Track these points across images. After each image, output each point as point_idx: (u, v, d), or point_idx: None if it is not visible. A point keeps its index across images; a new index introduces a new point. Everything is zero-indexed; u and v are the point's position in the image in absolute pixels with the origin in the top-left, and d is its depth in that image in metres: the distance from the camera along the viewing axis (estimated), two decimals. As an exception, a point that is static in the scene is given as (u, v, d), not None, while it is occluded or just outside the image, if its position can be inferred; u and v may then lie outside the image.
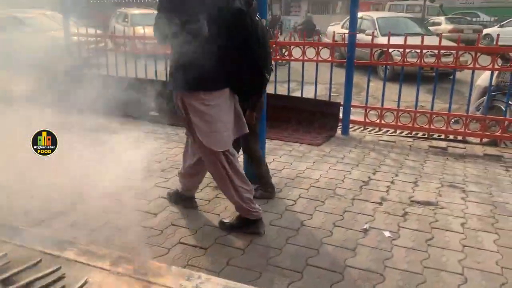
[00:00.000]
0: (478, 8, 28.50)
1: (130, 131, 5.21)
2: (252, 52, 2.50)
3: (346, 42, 5.11)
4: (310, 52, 5.39)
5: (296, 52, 5.41)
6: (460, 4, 30.67)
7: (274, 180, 3.72)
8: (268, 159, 4.21)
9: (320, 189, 3.55)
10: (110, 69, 6.53)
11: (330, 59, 5.34)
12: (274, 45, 5.59)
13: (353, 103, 5.44)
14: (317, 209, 3.16)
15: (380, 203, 3.31)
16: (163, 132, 5.27)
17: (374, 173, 3.97)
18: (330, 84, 5.52)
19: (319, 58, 5.30)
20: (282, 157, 4.39)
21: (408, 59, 5.03)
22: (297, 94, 5.83)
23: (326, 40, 12.92)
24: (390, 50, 5.49)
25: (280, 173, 3.91)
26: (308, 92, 7.20)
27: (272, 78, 5.45)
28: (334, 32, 13.28)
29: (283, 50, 6.05)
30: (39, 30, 11.57)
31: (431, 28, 15.97)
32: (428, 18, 22.34)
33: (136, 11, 16.05)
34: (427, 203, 3.32)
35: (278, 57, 5.64)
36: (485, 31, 19.81)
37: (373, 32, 5.91)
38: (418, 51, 4.88)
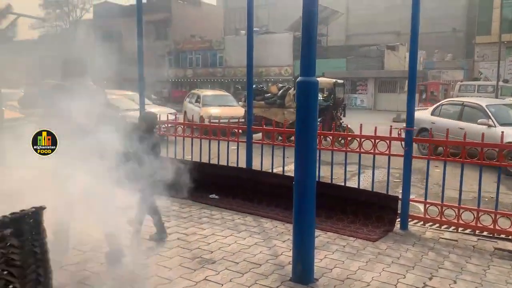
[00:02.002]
0: (556, 87, 27.09)
1: (187, 214, 5.44)
2: None
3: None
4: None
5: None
6: (537, 83, 29.40)
7: (323, 280, 3.69)
8: (320, 255, 4.18)
9: (370, 295, 3.44)
10: (178, 151, 6.94)
11: (387, 152, 5.34)
12: (330, 137, 5.73)
13: (415, 192, 5.27)
14: (364, 319, 3.06)
15: (434, 316, 3.13)
16: (219, 217, 5.42)
17: (430, 278, 3.78)
18: (388, 176, 5.47)
19: (376, 151, 5.33)
20: (335, 254, 4.33)
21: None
22: (355, 178, 5.81)
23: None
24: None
25: (331, 273, 3.85)
26: (368, 176, 7.16)
27: (328, 159, 5.55)
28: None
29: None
30: (119, 110, 12.72)
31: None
32: (503, 98, 21.59)
33: (208, 92, 17.18)
34: (487, 320, 3.09)
35: (334, 148, 5.72)
36: None
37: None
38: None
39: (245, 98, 14.16)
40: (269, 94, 13.36)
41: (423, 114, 11.94)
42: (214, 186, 6.29)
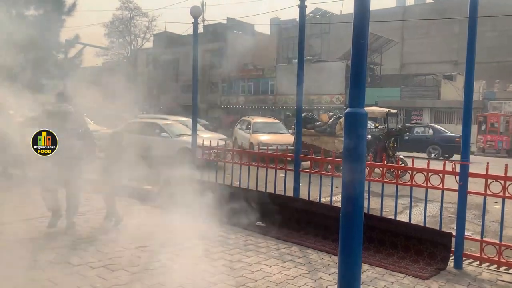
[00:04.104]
0: None
1: (233, 241, 5.45)
2: None
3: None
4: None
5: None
6: None
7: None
8: (367, 291, 4.04)
9: (419, 337, 3.26)
10: (225, 177, 7.03)
11: (440, 186, 5.13)
12: (382, 168, 5.59)
13: (472, 229, 5.00)
14: None
15: None
16: (265, 246, 5.38)
17: (486, 324, 3.54)
18: (441, 212, 5.23)
19: (429, 185, 5.13)
20: (382, 290, 4.17)
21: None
22: (407, 212, 5.60)
23: None
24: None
25: (377, 310, 3.70)
26: (420, 210, 6.87)
27: (379, 190, 5.37)
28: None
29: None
30: (172, 135, 13.16)
31: None
32: None
33: (258, 119, 17.40)
34: None
35: (385, 180, 5.56)
36: None
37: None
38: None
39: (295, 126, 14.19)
40: (320, 122, 13.31)
41: None
42: (261, 213, 6.28)
